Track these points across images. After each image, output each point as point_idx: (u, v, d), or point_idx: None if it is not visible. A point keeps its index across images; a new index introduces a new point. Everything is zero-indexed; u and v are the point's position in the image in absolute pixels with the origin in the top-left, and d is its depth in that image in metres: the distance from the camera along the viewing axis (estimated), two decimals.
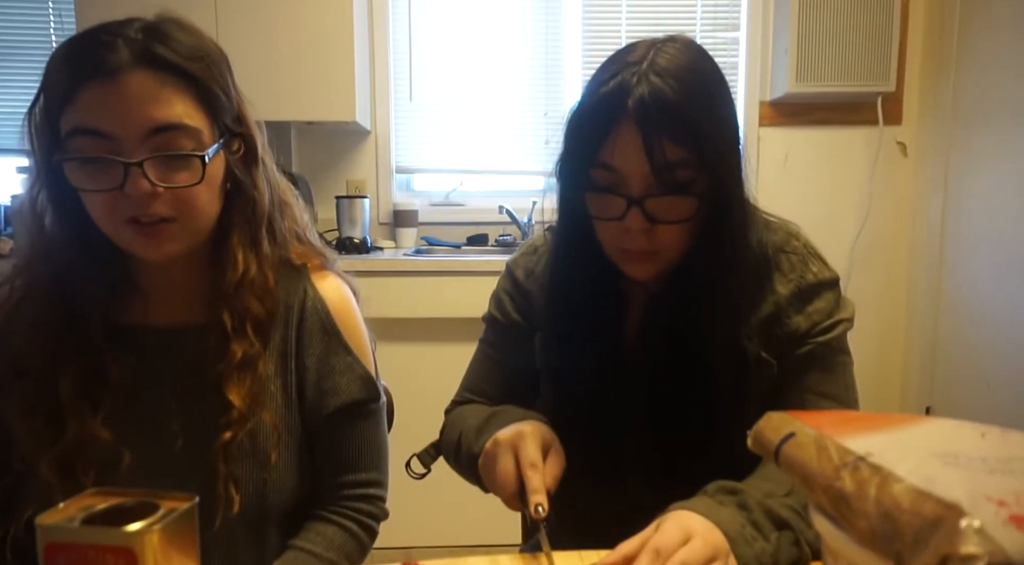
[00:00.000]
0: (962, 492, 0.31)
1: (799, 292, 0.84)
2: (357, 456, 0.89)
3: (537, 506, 0.71)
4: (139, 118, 0.72)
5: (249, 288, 0.82)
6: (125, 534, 0.48)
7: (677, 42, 0.77)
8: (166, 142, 0.74)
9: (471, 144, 2.76)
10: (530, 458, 0.74)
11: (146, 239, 0.75)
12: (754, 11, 2.68)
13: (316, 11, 2.32)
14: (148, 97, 0.73)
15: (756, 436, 0.49)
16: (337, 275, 0.94)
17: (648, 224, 0.75)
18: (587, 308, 0.86)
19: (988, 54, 2.30)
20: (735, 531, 0.65)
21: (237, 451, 0.80)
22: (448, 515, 2.25)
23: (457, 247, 2.66)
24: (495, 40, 2.71)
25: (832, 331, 0.83)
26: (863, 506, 0.35)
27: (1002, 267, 2.22)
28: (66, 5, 2.59)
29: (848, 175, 2.73)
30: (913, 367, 2.69)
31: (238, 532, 0.82)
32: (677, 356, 0.83)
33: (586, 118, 0.77)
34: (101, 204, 0.74)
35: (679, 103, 0.72)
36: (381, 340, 2.38)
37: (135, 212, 0.74)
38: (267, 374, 0.84)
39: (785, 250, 0.86)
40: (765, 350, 0.83)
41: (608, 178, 0.76)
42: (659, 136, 0.72)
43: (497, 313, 0.98)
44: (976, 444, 0.39)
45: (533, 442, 0.76)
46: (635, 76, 0.73)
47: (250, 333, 0.82)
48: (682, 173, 0.74)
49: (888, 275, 2.76)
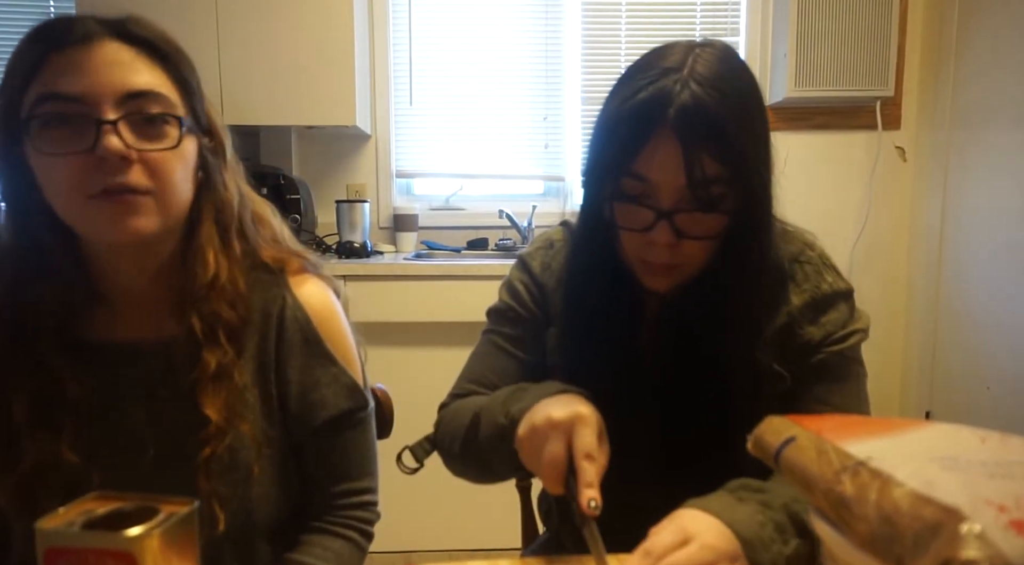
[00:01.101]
0: (962, 496, 0.31)
1: (813, 303, 0.82)
2: (349, 466, 0.87)
3: (590, 501, 0.64)
4: (113, 82, 0.69)
5: (220, 292, 0.78)
6: (125, 539, 0.48)
7: (715, 48, 0.75)
8: (140, 108, 0.71)
9: (471, 148, 2.76)
10: (587, 447, 0.67)
11: (116, 214, 0.70)
12: (753, 16, 2.69)
13: (316, 16, 2.32)
14: (122, 63, 0.70)
15: (756, 440, 0.49)
16: (318, 278, 0.89)
17: (675, 239, 0.73)
18: (603, 311, 0.85)
19: (986, 58, 2.31)
20: (752, 533, 0.63)
21: (218, 466, 0.76)
22: (448, 519, 2.25)
23: (457, 251, 2.66)
24: (495, 44, 2.72)
25: (846, 341, 0.82)
26: (863, 510, 0.35)
27: (1001, 271, 2.22)
28: (66, 7, 2.60)
29: (847, 179, 2.73)
30: (912, 372, 2.69)
31: (224, 550, 0.78)
32: (690, 363, 0.81)
33: (621, 125, 0.73)
34: (68, 173, 0.69)
35: (720, 117, 0.69)
36: (381, 344, 2.37)
37: (106, 181, 0.69)
38: (243, 384, 0.80)
39: (800, 260, 0.84)
40: (778, 361, 0.81)
41: (639, 188, 0.74)
42: (700, 151, 0.69)
43: (513, 302, 0.94)
44: (976, 448, 0.39)
45: (591, 430, 0.68)
46: (676, 83, 0.70)
47: (223, 340, 0.78)
48: (716, 189, 0.71)
49: (887, 279, 2.76)
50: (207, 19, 2.28)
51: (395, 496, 1.96)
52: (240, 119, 2.34)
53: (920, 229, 2.66)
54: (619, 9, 2.69)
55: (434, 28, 2.70)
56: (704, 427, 0.80)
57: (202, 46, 2.28)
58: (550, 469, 0.68)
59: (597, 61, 2.71)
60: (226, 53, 2.31)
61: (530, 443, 0.71)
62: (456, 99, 2.73)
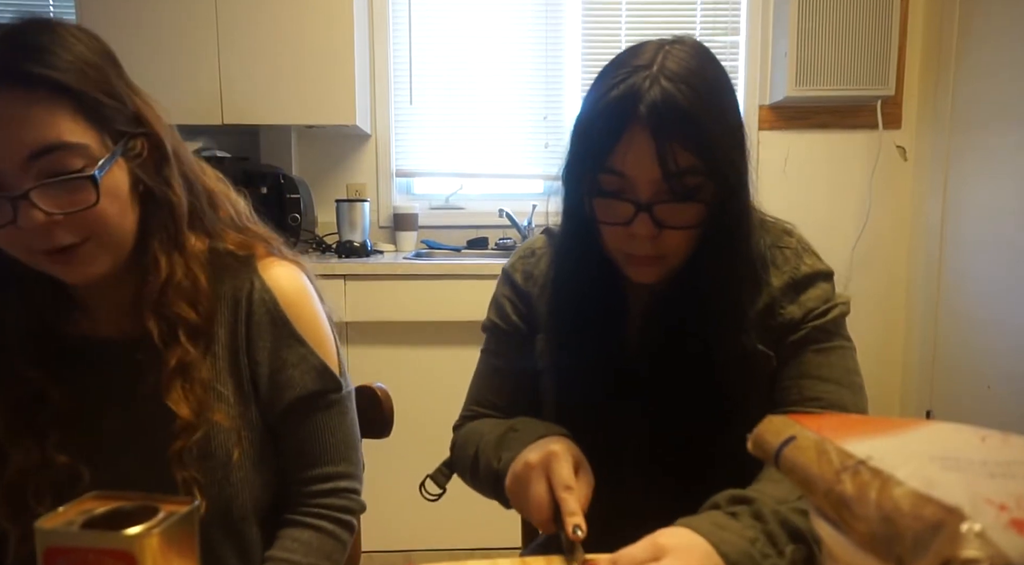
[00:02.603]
0: (963, 496, 0.31)
1: (793, 283, 0.84)
2: (321, 450, 0.86)
3: (575, 528, 0.69)
4: (13, 144, 0.66)
5: (177, 293, 0.77)
6: (125, 538, 0.48)
7: (685, 44, 0.77)
8: (50, 165, 0.67)
9: (471, 148, 2.76)
10: (564, 480, 0.72)
11: (63, 267, 0.71)
12: (754, 15, 2.69)
13: (317, 15, 2.32)
14: (18, 120, 0.65)
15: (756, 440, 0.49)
16: (287, 261, 0.87)
17: (656, 230, 0.75)
18: (589, 310, 0.86)
19: (987, 58, 2.31)
20: (741, 553, 0.62)
21: (190, 457, 0.77)
22: (448, 519, 2.25)
23: (457, 251, 2.66)
24: (495, 44, 2.72)
25: (827, 315, 0.83)
26: (863, 510, 0.35)
27: (1002, 270, 2.22)
28: (67, 7, 2.60)
29: (848, 179, 2.73)
30: (913, 371, 2.69)
31: (213, 535, 0.79)
32: (679, 357, 0.82)
33: (595, 122, 0.76)
34: (6, 243, 0.70)
35: (691, 109, 0.71)
36: (381, 344, 2.37)
37: (39, 245, 0.69)
38: (213, 375, 0.80)
39: (779, 245, 0.86)
40: (762, 343, 0.83)
41: (616, 183, 0.76)
42: (671, 143, 0.71)
43: (498, 319, 0.97)
44: (977, 448, 0.39)
45: (566, 463, 0.74)
46: (646, 80, 0.72)
47: (183, 340, 0.77)
48: (691, 180, 0.73)
49: (888, 279, 2.76)
50: (207, 19, 2.27)
51: (395, 496, 1.96)
52: (240, 119, 2.34)
53: (921, 229, 2.66)
54: (619, 8, 2.69)
55: (434, 27, 2.70)
56: (695, 420, 0.81)
57: (202, 46, 2.28)
58: (536, 510, 0.73)
59: (597, 60, 2.71)
60: (226, 53, 2.31)
61: (515, 490, 0.77)
62: (456, 98, 2.73)
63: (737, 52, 2.71)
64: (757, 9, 2.68)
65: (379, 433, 1.06)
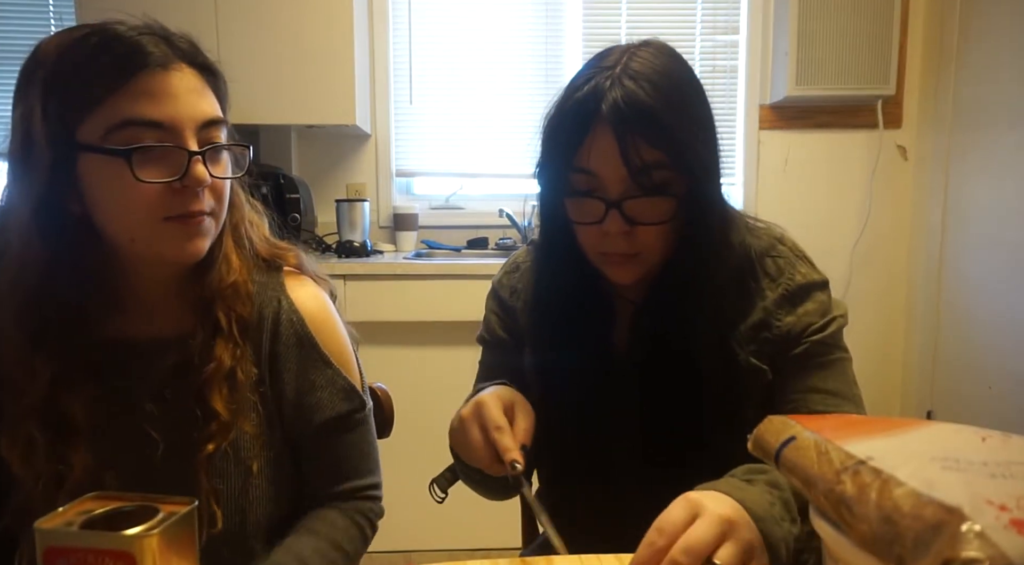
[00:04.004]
0: (963, 496, 0.31)
1: (788, 294, 0.83)
2: (351, 466, 0.88)
3: (512, 463, 0.72)
4: (191, 111, 0.73)
5: (235, 291, 0.81)
6: (124, 538, 0.48)
7: (651, 46, 0.78)
8: (210, 136, 0.75)
9: (471, 147, 2.76)
10: (494, 422, 0.74)
11: (187, 236, 0.75)
12: (754, 14, 2.69)
13: (316, 15, 2.32)
14: (196, 91, 0.75)
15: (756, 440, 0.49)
16: (313, 280, 0.91)
17: (627, 226, 0.76)
18: (572, 316, 0.86)
19: (988, 57, 2.31)
20: (763, 510, 0.62)
21: (220, 463, 0.78)
22: (448, 519, 2.25)
23: (457, 251, 2.66)
24: (495, 43, 2.72)
25: (827, 329, 0.83)
26: (864, 510, 0.34)
27: (1003, 270, 2.22)
28: (66, 7, 2.60)
29: (848, 178, 2.73)
30: (913, 371, 2.69)
31: (221, 550, 0.79)
32: (665, 362, 0.82)
33: (561, 123, 0.78)
34: (151, 198, 0.72)
35: (652, 105, 0.73)
36: (381, 344, 2.37)
37: (187, 206, 0.73)
38: (247, 382, 0.81)
39: (771, 254, 0.86)
40: (757, 357, 0.82)
41: (586, 182, 0.77)
42: (633, 138, 0.73)
43: (487, 334, 0.99)
44: (977, 448, 0.39)
45: (494, 406, 0.76)
46: (608, 80, 0.74)
47: (236, 335, 0.80)
48: (658, 175, 0.74)
49: (888, 279, 2.76)
50: (207, 18, 2.27)
51: (395, 496, 1.96)
52: (240, 118, 2.34)
53: (921, 228, 2.66)
54: (619, 8, 2.69)
55: (434, 27, 2.70)
56: (683, 428, 0.82)
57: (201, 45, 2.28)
58: (476, 451, 0.75)
59: None
60: (226, 52, 2.29)
61: (456, 443, 0.80)
62: (456, 98, 2.73)
63: (737, 51, 2.70)
64: (757, 9, 2.68)
65: (379, 434, 1.05)
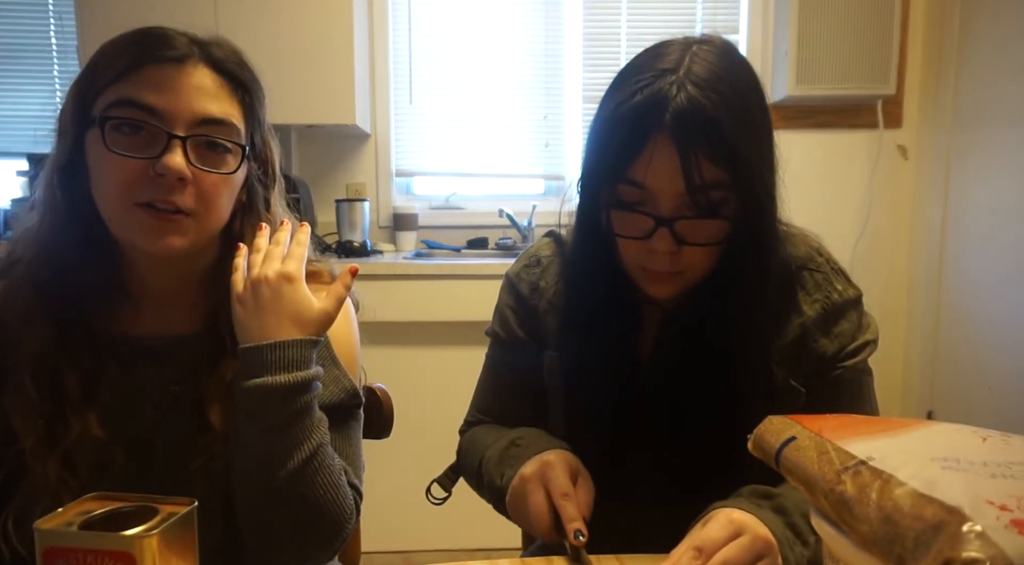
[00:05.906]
0: (963, 496, 0.31)
1: (825, 314, 0.80)
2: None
3: (577, 533, 0.69)
4: (194, 105, 0.73)
5: None
6: (124, 539, 0.48)
7: (713, 44, 0.73)
8: (209, 133, 0.75)
9: (471, 147, 2.76)
10: (561, 488, 0.72)
11: (155, 229, 0.73)
12: (754, 14, 2.69)
13: (316, 14, 2.32)
14: (206, 89, 0.75)
15: (756, 440, 0.49)
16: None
17: (676, 246, 0.71)
18: (601, 327, 0.83)
19: (988, 57, 2.31)
20: (779, 532, 0.63)
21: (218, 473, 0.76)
22: (448, 519, 2.24)
23: (457, 251, 2.66)
24: (495, 43, 2.71)
25: (859, 354, 0.81)
26: (864, 510, 0.34)
27: (1003, 270, 2.22)
28: (66, 7, 2.60)
29: (848, 178, 2.73)
30: (914, 371, 2.69)
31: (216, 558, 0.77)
32: (695, 375, 0.79)
33: (616, 130, 0.71)
34: (124, 176, 0.71)
35: (719, 118, 0.67)
36: (381, 344, 2.36)
37: (156, 195, 0.72)
38: None
39: (809, 267, 0.82)
40: (793, 376, 0.80)
41: (636, 195, 0.71)
42: (697, 155, 0.67)
43: (500, 329, 0.95)
44: (977, 448, 0.39)
45: (562, 471, 0.73)
46: (672, 86, 0.67)
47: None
48: (716, 194, 0.69)
49: (888, 279, 2.75)
50: (207, 18, 2.27)
51: (395, 496, 1.96)
52: None
53: (921, 228, 2.66)
54: (619, 8, 2.69)
55: (434, 27, 2.70)
56: (710, 443, 0.78)
57: None
58: (536, 519, 0.72)
59: (597, 59, 2.71)
60: None
61: (515, 504, 0.77)
62: (456, 98, 2.73)
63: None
64: (757, 8, 2.68)
65: (379, 434, 1.05)
